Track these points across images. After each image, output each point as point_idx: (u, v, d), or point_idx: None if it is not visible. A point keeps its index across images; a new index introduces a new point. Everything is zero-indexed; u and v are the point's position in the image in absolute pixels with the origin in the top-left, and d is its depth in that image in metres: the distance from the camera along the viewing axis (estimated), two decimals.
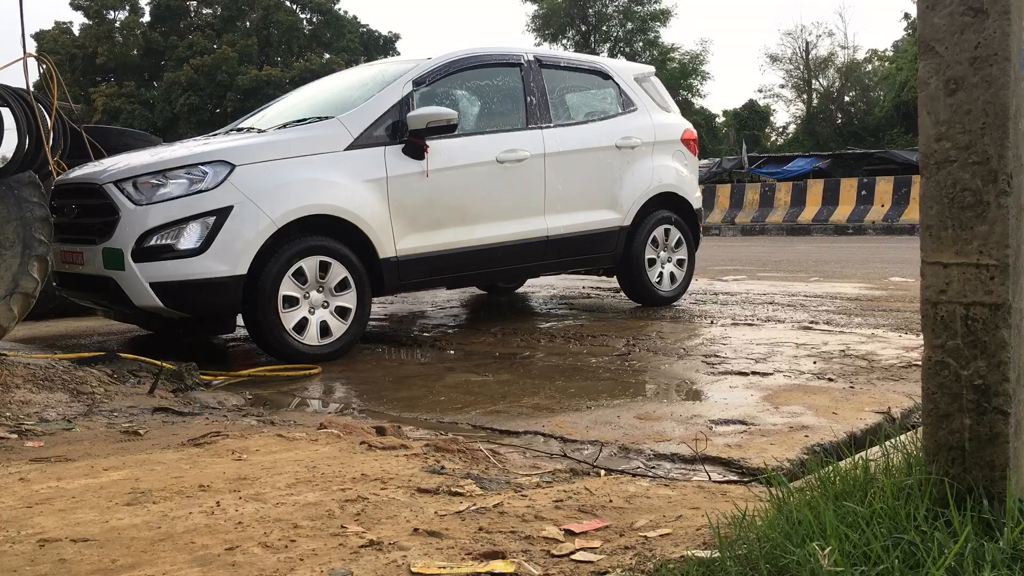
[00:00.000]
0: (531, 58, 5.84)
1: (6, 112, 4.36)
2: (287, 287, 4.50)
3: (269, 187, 4.47)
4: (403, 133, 4.95)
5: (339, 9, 42.09)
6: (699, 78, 43.21)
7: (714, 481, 2.47)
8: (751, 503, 1.95)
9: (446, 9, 78.55)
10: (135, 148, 5.63)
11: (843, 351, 4.47)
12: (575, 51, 38.31)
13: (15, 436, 2.99)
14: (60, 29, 40.41)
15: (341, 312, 4.69)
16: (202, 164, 4.44)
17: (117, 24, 41.01)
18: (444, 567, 1.77)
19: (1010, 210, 1.61)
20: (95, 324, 6.24)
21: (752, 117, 40.37)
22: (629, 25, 43.46)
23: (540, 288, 8.10)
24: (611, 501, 2.22)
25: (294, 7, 41.64)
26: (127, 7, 40.94)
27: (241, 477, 2.44)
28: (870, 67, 41.66)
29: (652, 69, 6.89)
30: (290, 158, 4.61)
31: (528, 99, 5.68)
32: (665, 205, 6.34)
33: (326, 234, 4.65)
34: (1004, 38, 1.59)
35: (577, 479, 2.47)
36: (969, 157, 1.63)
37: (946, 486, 1.66)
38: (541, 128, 5.66)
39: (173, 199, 4.34)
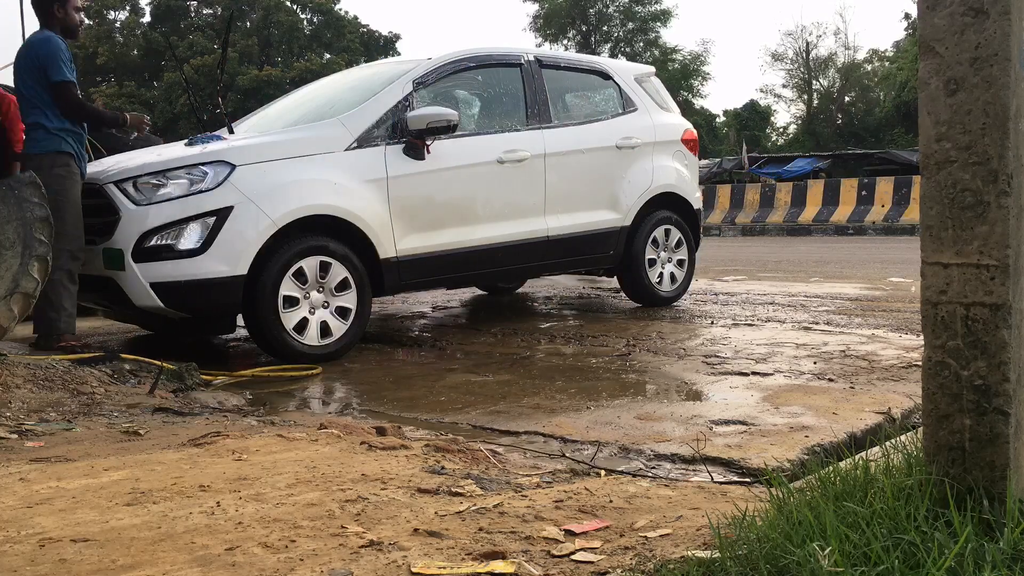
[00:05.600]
0: (531, 58, 5.84)
1: None
2: (287, 287, 4.50)
3: (269, 187, 4.47)
4: (403, 133, 4.95)
5: (339, 9, 42.08)
6: (700, 78, 43.23)
7: (714, 481, 2.47)
8: (751, 503, 1.95)
9: (446, 9, 78.56)
10: (135, 148, 5.63)
11: (843, 351, 4.47)
12: (576, 51, 38.31)
13: (15, 436, 2.99)
14: None
15: (341, 312, 4.69)
16: (202, 164, 4.44)
17: (117, 24, 41.00)
18: (444, 567, 1.77)
19: (1010, 210, 1.61)
20: (95, 324, 6.24)
21: (752, 117, 40.37)
22: (630, 25, 43.46)
23: (540, 288, 8.10)
24: (611, 501, 2.22)
25: (294, 7, 41.63)
26: (127, 7, 40.92)
27: (241, 477, 2.44)
28: (869, 67, 41.63)
29: (652, 69, 6.89)
30: (290, 158, 4.61)
31: (528, 99, 5.68)
32: (665, 205, 6.34)
33: (326, 234, 4.65)
34: (1004, 38, 1.59)
35: (577, 479, 2.47)
36: (969, 157, 1.63)
37: (946, 486, 1.66)
38: (541, 128, 5.66)
39: (173, 199, 4.34)
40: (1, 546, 1.92)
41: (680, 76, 41.03)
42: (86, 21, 4.59)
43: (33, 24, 4.59)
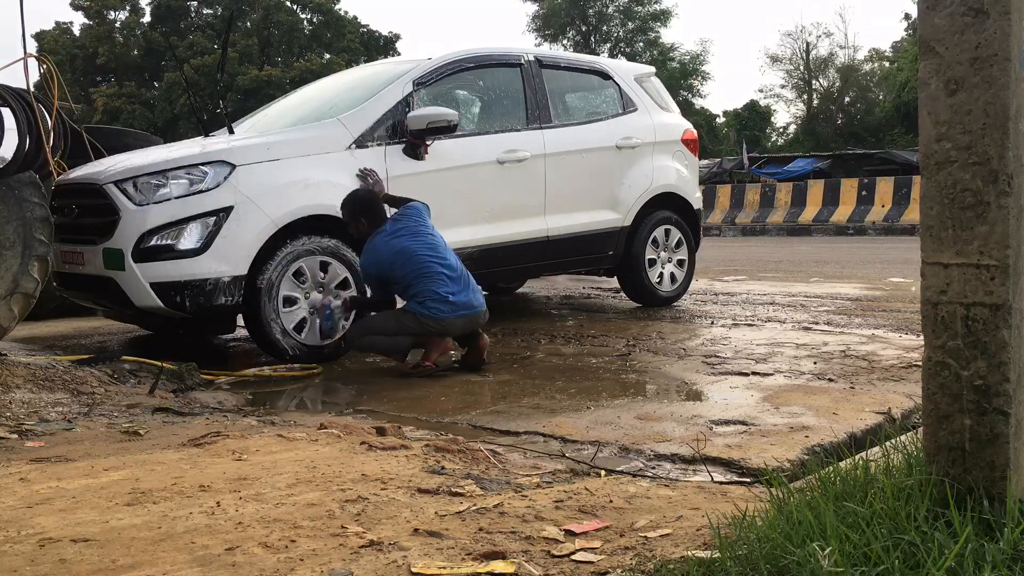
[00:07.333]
0: (531, 58, 5.84)
1: (6, 112, 4.36)
2: (287, 287, 4.50)
3: (269, 187, 4.47)
4: (403, 133, 4.95)
5: (339, 9, 42.03)
6: (699, 78, 43.22)
7: (714, 481, 2.47)
8: (751, 503, 1.95)
9: (446, 9, 78.52)
10: (135, 148, 5.63)
11: (843, 351, 4.47)
12: (575, 51, 38.30)
13: (15, 436, 2.98)
14: (60, 29, 40.37)
15: None
16: (202, 164, 4.44)
17: (117, 24, 40.98)
18: (444, 567, 1.77)
19: (1010, 210, 1.61)
20: (95, 324, 6.24)
21: (752, 117, 40.34)
22: (629, 25, 43.46)
23: (540, 288, 8.10)
24: (611, 501, 2.22)
25: (294, 7, 41.61)
26: (127, 7, 40.89)
27: (241, 477, 2.44)
28: (868, 67, 41.62)
29: (652, 69, 6.89)
30: (290, 158, 4.61)
31: (528, 99, 5.68)
32: (665, 205, 6.34)
33: (326, 234, 4.65)
34: (1005, 38, 1.59)
35: (577, 479, 2.47)
36: (969, 157, 1.63)
37: (946, 487, 1.66)
38: (541, 128, 5.66)
39: (173, 199, 4.34)
40: (1, 546, 1.92)
41: (680, 76, 41.01)
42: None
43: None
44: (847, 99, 41.20)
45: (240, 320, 4.70)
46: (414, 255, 4.22)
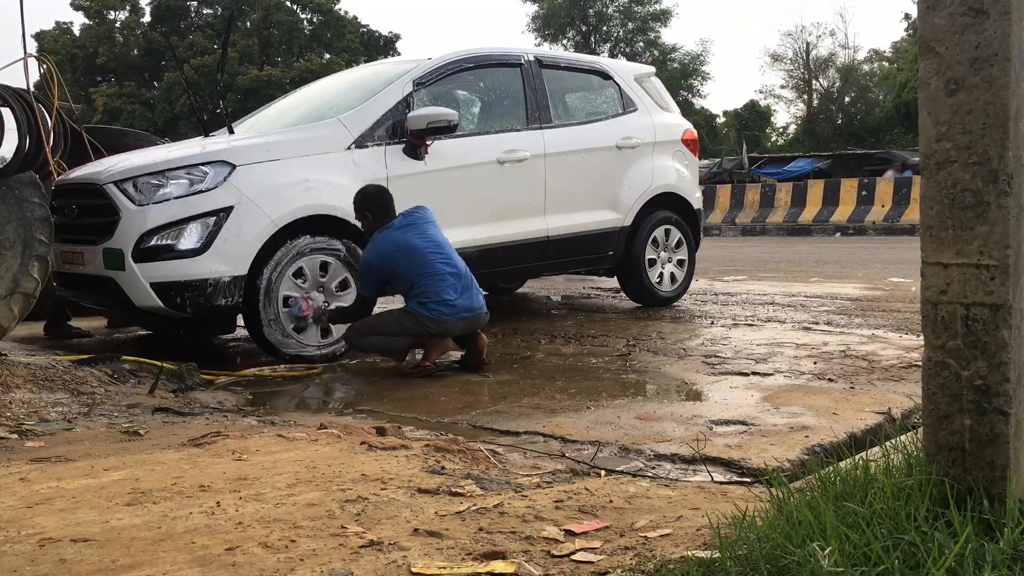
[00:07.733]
0: (531, 58, 5.84)
1: (6, 112, 4.36)
2: (287, 287, 4.50)
3: (269, 187, 4.47)
4: (404, 133, 4.95)
5: (339, 9, 42.03)
6: (699, 78, 43.22)
7: (714, 481, 2.47)
8: (751, 503, 1.95)
9: (446, 9, 78.57)
10: (135, 148, 5.63)
11: (843, 351, 4.47)
12: (575, 51, 38.28)
13: (15, 436, 2.99)
14: (60, 29, 40.38)
15: None
16: (202, 164, 4.44)
17: (117, 24, 40.99)
18: (444, 567, 1.77)
19: (1010, 210, 1.61)
20: (95, 324, 6.24)
21: (752, 117, 40.35)
22: (630, 25, 43.47)
23: (540, 288, 8.10)
24: (611, 501, 2.22)
25: (294, 7, 41.60)
26: (127, 7, 40.90)
27: (241, 477, 2.44)
28: (867, 68, 41.61)
29: (652, 69, 6.89)
30: (290, 158, 4.61)
31: (528, 99, 5.68)
32: (665, 205, 6.34)
33: (327, 234, 4.65)
34: (1005, 38, 1.59)
35: (577, 479, 2.47)
36: (969, 157, 1.63)
37: (946, 487, 1.66)
38: (541, 128, 5.66)
39: (173, 199, 4.35)
40: (1, 546, 1.92)
41: (680, 76, 41.00)
42: None
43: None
44: (847, 99, 41.19)
45: (240, 320, 4.70)
46: (420, 253, 4.22)
